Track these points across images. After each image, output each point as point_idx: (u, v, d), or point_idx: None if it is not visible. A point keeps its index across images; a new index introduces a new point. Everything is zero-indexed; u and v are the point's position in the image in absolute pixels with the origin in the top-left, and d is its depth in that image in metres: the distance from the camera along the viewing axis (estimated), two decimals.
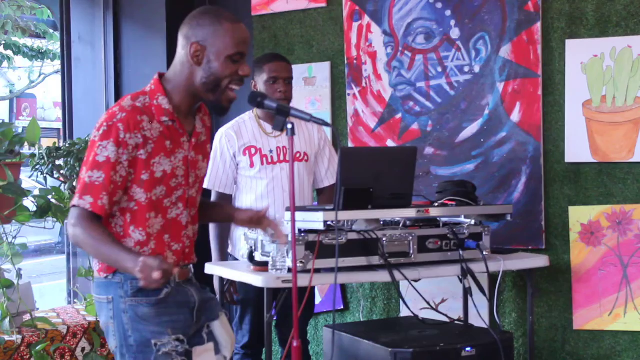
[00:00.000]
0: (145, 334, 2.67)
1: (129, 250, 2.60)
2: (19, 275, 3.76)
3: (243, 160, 4.06)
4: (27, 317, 3.82)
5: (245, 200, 4.10)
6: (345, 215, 3.59)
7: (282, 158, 4.09)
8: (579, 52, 4.36)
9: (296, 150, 4.13)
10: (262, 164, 4.06)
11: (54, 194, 3.93)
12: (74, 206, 2.63)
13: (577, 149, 4.38)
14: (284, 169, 4.08)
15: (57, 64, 13.94)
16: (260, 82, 4.05)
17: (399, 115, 4.79)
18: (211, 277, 4.04)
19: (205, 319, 2.83)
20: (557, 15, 4.43)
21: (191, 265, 2.87)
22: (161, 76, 2.75)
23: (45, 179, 4.17)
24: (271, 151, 4.08)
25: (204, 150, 2.85)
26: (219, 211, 3.19)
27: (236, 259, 4.11)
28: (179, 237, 2.76)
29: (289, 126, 2.83)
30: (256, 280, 3.54)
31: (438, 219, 3.94)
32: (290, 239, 2.92)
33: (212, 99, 2.70)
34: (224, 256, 4.14)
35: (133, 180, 2.65)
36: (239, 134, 4.08)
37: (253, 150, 4.07)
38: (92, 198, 2.60)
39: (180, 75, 2.71)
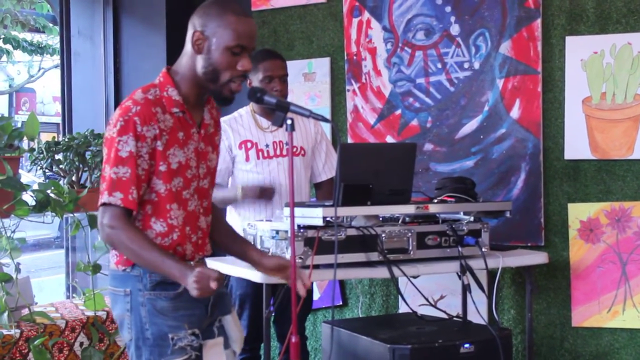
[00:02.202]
0: (163, 327, 2.67)
1: (175, 258, 2.61)
2: (18, 270, 3.75)
3: (239, 155, 4.06)
4: (25, 311, 3.82)
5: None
6: (344, 211, 3.59)
7: (278, 152, 4.09)
8: (579, 49, 4.36)
9: (293, 145, 4.11)
10: (258, 158, 4.05)
11: (53, 188, 3.93)
12: (104, 204, 2.61)
13: (576, 145, 4.38)
14: (280, 164, 4.08)
15: (57, 58, 13.95)
16: (255, 80, 4.03)
17: (398, 112, 4.79)
18: None
19: (218, 313, 2.83)
20: (557, 12, 4.42)
21: (205, 259, 2.87)
22: (169, 69, 2.76)
23: (44, 173, 4.16)
24: (267, 145, 4.07)
25: (212, 142, 2.84)
26: (242, 249, 3.01)
27: None
28: (194, 228, 2.77)
29: (289, 122, 2.83)
30: (255, 275, 3.54)
31: (437, 215, 3.94)
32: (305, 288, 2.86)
33: (212, 88, 2.71)
34: None
35: (152, 172, 2.66)
36: (234, 128, 4.07)
37: (249, 145, 4.06)
38: (122, 194, 2.59)
39: (186, 66, 2.71)
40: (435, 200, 3.96)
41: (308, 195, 4.23)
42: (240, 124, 4.09)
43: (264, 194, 3.93)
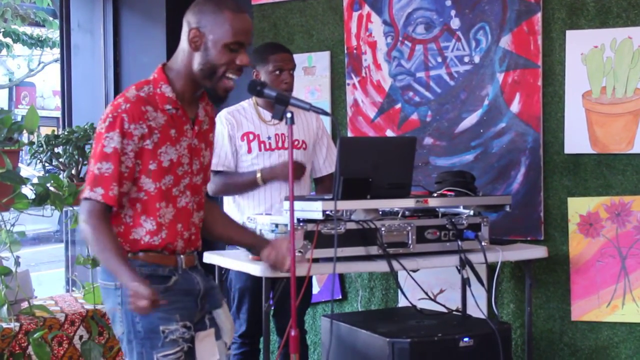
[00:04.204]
0: (154, 320, 2.68)
1: (128, 267, 2.59)
2: (17, 263, 3.76)
3: (242, 146, 4.06)
4: (25, 304, 3.82)
5: None
6: (344, 205, 3.59)
7: (280, 145, 4.09)
8: (579, 43, 4.35)
9: (294, 138, 4.12)
10: (260, 150, 4.06)
11: (52, 181, 3.93)
12: (85, 199, 2.64)
13: (576, 140, 4.37)
14: (282, 156, 4.07)
15: (57, 52, 13.92)
16: (264, 72, 4.04)
17: (398, 105, 4.79)
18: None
19: (209, 307, 2.85)
20: (558, 6, 4.42)
21: (196, 252, 2.88)
22: (165, 65, 2.76)
23: (43, 166, 4.16)
24: (269, 138, 4.07)
25: (206, 138, 2.85)
26: (242, 234, 3.05)
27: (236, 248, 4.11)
28: (187, 225, 2.78)
29: (288, 115, 2.83)
30: (254, 269, 3.54)
31: (437, 209, 3.94)
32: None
33: (209, 85, 2.71)
34: None
35: (141, 170, 2.67)
36: (238, 120, 4.07)
37: (251, 137, 4.06)
38: (103, 190, 2.61)
39: (182, 62, 2.72)
40: (435, 194, 3.96)
41: (309, 189, 4.23)
42: (243, 116, 4.09)
43: (295, 172, 3.83)
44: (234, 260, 3.75)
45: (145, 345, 2.69)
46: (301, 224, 3.53)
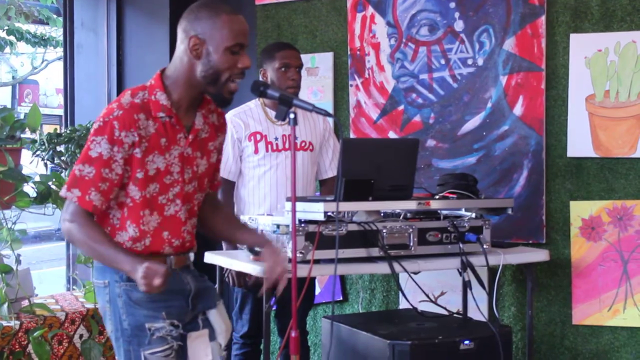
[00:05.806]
0: (140, 318, 2.70)
1: (127, 253, 2.63)
2: (18, 261, 3.76)
3: (248, 146, 4.05)
4: (25, 303, 3.82)
5: (248, 186, 4.09)
6: (345, 207, 3.58)
7: (287, 146, 4.08)
8: (583, 46, 4.35)
9: (301, 139, 4.12)
10: (267, 150, 4.05)
11: (54, 180, 3.93)
12: (63, 197, 2.66)
13: (579, 143, 4.37)
14: (289, 157, 4.06)
15: (60, 50, 13.92)
16: (271, 69, 4.03)
17: (401, 107, 4.78)
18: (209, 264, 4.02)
19: (201, 307, 2.85)
20: (562, 9, 4.41)
21: (191, 253, 2.88)
22: (163, 71, 2.76)
23: (45, 165, 4.17)
24: (276, 138, 4.07)
25: (203, 147, 2.83)
26: (249, 235, 3.03)
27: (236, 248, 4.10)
28: (178, 233, 2.77)
29: (292, 116, 2.83)
30: (255, 270, 3.53)
31: (439, 211, 3.93)
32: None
33: (213, 91, 2.71)
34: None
35: (129, 177, 2.68)
36: (245, 120, 4.07)
37: (258, 137, 4.06)
38: (80, 192, 2.62)
39: (180, 70, 2.71)
40: (437, 197, 3.95)
41: (314, 191, 4.23)
42: (250, 116, 4.09)
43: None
44: (235, 261, 3.74)
45: (132, 342, 2.70)
46: (303, 225, 3.53)
